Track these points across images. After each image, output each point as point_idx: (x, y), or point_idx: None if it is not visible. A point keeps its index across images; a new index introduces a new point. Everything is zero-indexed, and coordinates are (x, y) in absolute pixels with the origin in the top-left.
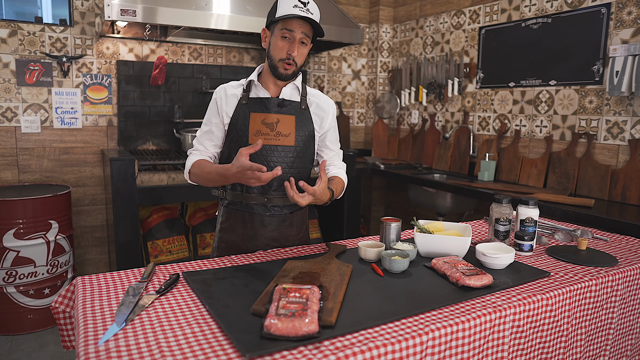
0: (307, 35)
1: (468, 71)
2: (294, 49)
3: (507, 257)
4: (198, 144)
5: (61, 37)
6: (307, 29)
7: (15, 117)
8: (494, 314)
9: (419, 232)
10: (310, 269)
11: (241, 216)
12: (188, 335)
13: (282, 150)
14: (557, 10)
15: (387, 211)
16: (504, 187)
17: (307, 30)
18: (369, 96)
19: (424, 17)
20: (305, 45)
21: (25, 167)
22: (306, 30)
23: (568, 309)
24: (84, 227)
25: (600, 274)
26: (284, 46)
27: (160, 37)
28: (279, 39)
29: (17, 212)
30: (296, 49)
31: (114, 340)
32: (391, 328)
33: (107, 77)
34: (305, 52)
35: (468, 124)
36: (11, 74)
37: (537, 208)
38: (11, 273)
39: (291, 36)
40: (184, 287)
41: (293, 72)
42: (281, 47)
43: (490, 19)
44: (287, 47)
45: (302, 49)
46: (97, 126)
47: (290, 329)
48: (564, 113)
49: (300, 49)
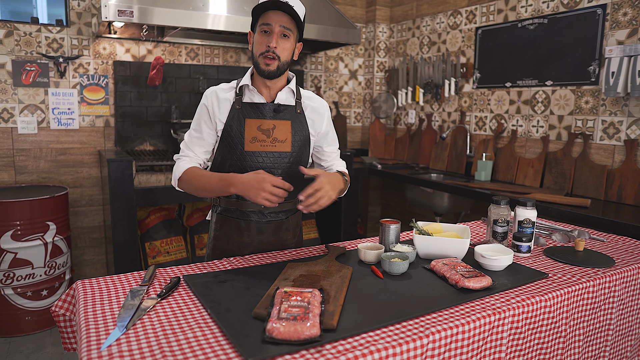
0: (287, 28)
1: (465, 71)
2: (273, 40)
3: (506, 259)
4: (187, 150)
5: (57, 37)
6: (286, 20)
7: (12, 118)
8: (493, 316)
9: (418, 234)
10: (311, 271)
11: (236, 223)
12: (190, 339)
13: (279, 157)
14: (553, 11)
15: (384, 211)
16: (501, 187)
17: (287, 22)
18: (366, 96)
19: (421, 17)
20: (288, 39)
21: (22, 168)
22: (285, 22)
23: (566, 310)
24: (82, 228)
25: (597, 275)
26: (263, 40)
27: (157, 38)
28: (259, 35)
29: (14, 213)
30: (274, 40)
31: (117, 345)
32: (392, 331)
33: (104, 77)
34: (288, 46)
35: (465, 123)
36: (7, 75)
37: (534, 209)
38: (9, 275)
39: (269, 29)
40: (185, 290)
41: (277, 68)
42: (261, 41)
43: (486, 19)
44: (266, 40)
45: (283, 42)
46: (94, 127)
47: (292, 333)
48: (560, 113)
49: (281, 42)
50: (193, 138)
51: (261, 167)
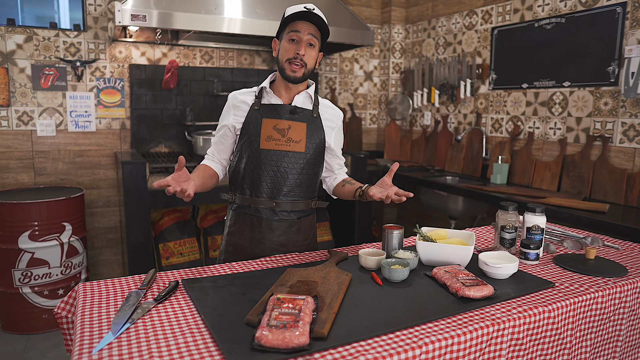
0: (314, 36)
1: (480, 72)
2: (301, 48)
3: (510, 267)
4: (210, 151)
5: (75, 41)
6: (313, 30)
7: (31, 120)
8: (491, 327)
9: (421, 240)
10: (309, 277)
11: (249, 220)
12: (180, 345)
13: (293, 156)
14: (571, 10)
15: (400, 214)
16: (516, 190)
17: (314, 31)
18: (381, 97)
19: (436, 17)
20: (314, 48)
21: (41, 170)
22: (312, 31)
23: (572, 321)
24: (98, 228)
25: (607, 285)
26: (291, 47)
27: (171, 41)
28: (286, 42)
29: (32, 214)
30: (303, 48)
31: (108, 349)
32: (384, 340)
33: (120, 80)
34: (314, 54)
35: (481, 125)
36: (27, 79)
37: (544, 215)
38: (26, 274)
39: (298, 37)
40: (182, 294)
41: (303, 74)
42: (288, 48)
43: (502, 19)
44: (294, 48)
45: (310, 50)
46: (111, 129)
47: (280, 341)
48: (579, 115)
49: (308, 50)
50: (217, 137)
51: (275, 167)
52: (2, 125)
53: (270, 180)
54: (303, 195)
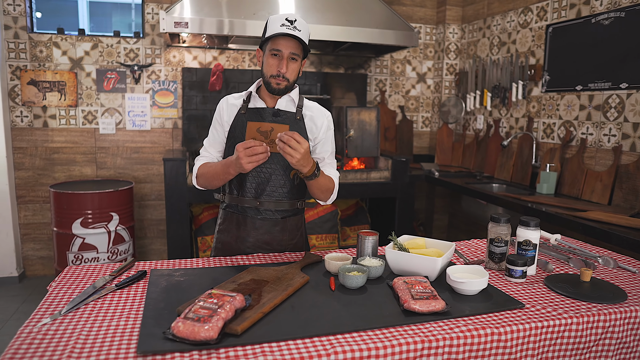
0: (295, 53)
1: (533, 73)
2: (283, 66)
3: (476, 283)
4: (204, 151)
5: (134, 47)
6: (294, 46)
7: (95, 119)
8: (420, 344)
9: (394, 249)
10: (263, 277)
11: (236, 218)
12: (110, 328)
13: (276, 158)
14: (633, 2)
15: (451, 220)
16: (559, 202)
17: (295, 47)
18: (435, 100)
19: (492, 15)
20: (296, 61)
21: (102, 164)
22: (293, 48)
23: (535, 347)
24: (150, 219)
25: (590, 312)
26: (273, 64)
27: (220, 45)
28: (269, 57)
29: (84, 203)
30: (285, 66)
31: (51, 325)
32: (297, 345)
33: (173, 83)
34: (295, 67)
35: (532, 130)
36: (92, 82)
37: (538, 230)
38: (78, 256)
39: (280, 54)
40: (145, 283)
41: (285, 87)
42: (271, 64)
43: (558, 15)
44: (276, 64)
45: (292, 64)
46: (164, 128)
47: (189, 333)
48: (636, 120)
49: (290, 64)
50: (209, 140)
51: (257, 168)
52: (71, 124)
53: (254, 180)
54: (287, 195)
